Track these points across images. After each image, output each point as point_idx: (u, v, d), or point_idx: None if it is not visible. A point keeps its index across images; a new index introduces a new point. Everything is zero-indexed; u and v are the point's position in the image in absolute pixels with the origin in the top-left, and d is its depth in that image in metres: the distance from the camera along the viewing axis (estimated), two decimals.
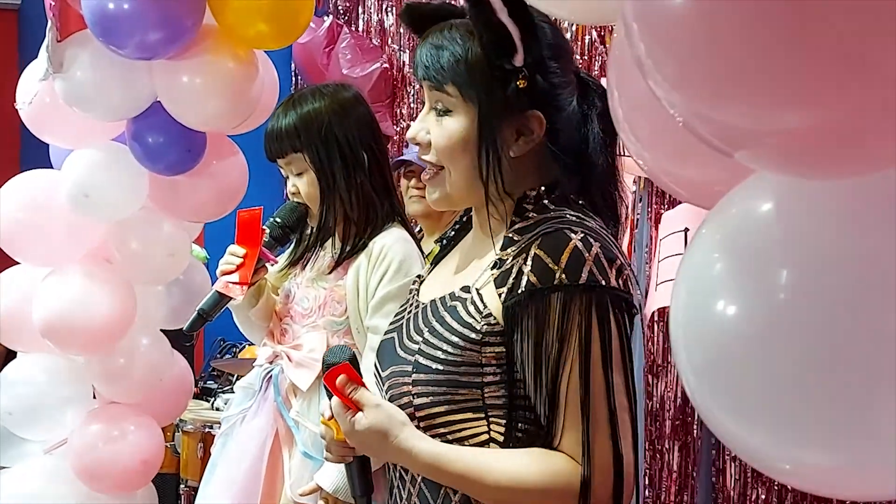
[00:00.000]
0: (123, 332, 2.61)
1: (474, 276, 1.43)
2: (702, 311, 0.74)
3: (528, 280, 1.33)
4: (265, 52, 2.53)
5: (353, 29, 4.44)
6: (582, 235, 1.34)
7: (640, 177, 2.81)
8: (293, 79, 4.73)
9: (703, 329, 0.74)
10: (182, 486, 3.43)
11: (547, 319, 1.32)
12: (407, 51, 4.24)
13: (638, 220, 2.80)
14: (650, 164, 0.94)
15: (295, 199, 2.16)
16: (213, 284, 2.14)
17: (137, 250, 2.61)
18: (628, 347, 1.37)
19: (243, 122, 2.49)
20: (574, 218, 1.38)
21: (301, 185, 2.13)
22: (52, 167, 2.69)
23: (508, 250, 1.39)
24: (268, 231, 2.12)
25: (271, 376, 2.15)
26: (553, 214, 1.40)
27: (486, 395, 1.37)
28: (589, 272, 1.31)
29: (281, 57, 2.51)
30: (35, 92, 2.45)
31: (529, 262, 1.34)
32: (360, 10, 4.52)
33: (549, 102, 1.43)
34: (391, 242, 2.06)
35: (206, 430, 3.34)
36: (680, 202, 2.71)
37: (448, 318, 1.40)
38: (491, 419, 1.38)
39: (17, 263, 2.73)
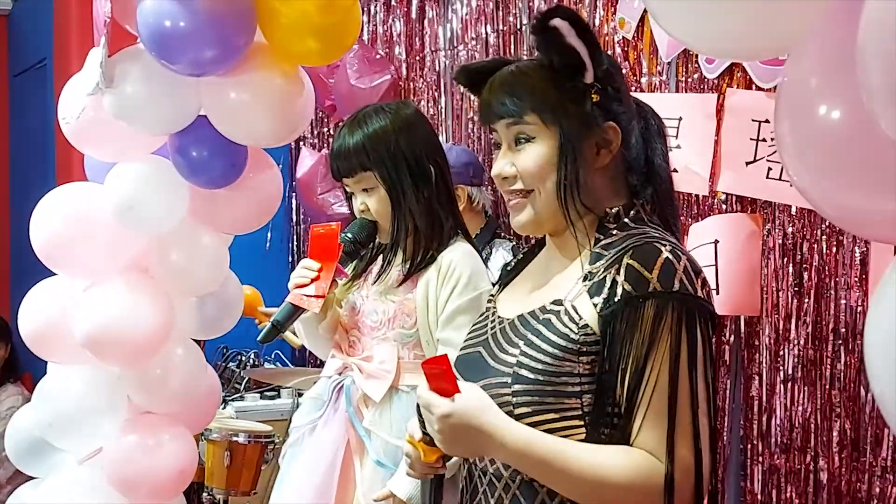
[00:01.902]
0: (163, 343, 2.64)
1: (564, 291, 1.50)
2: None
3: (624, 289, 1.41)
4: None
5: (359, 38, 4.46)
6: (671, 248, 1.43)
7: None
8: None
9: None
10: (206, 493, 3.45)
11: (639, 323, 1.39)
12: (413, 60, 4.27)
13: None
14: (815, 192, 1.00)
15: (364, 216, 2.19)
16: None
17: (178, 262, 2.63)
18: (712, 357, 1.44)
19: (289, 136, 2.52)
20: (657, 234, 1.48)
21: (371, 202, 2.17)
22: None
23: (597, 264, 1.47)
24: (343, 247, 2.17)
25: (342, 387, 2.18)
26: (635, 230, 1.49)
27: (584, 403, 1.43)
28: (680, 281, 1.40)
29: None
30: (82, 107, 2.46)
31: (623, 273, 1.42)
32: (365, 18, 4.54)
33: (620, 111, 1.53)
34: (459, 257, 2.12)
35: (232, 438, 3.36)
36: (710, 214, 2.79)
37: (544, 331, 1.47)
38: (589, 427, 1.43)
39: (46, 277, 2.74)
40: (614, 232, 1.50)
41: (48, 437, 2.70)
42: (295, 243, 5.18)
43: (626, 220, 1.51)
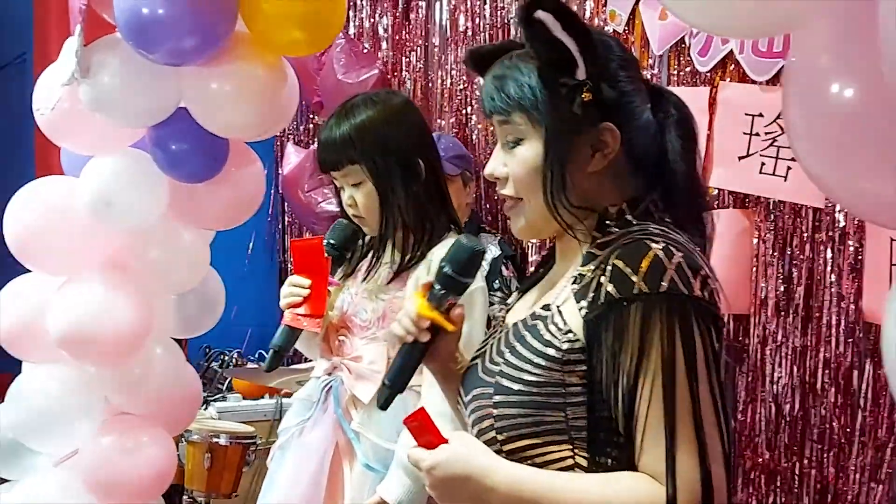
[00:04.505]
0: (141, 341, 2.56)
1: (555, 294, 1.40)
2: None
3: (607, 291, 1.29)
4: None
5: (345, 32, 4.39)
6: (664, 245, 1.29)
7: None
8: None
9: None
10: (186, 496, 3.37)
11: (626, 331, 1.27)
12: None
13: None
14: (830, 179, 0.94)
15: (350, 210, 2.12)
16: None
17: (157, 259, 2.57)
18: (716, 360, 1.30)
19: (272, 129, 2.46)
20: (657, 230, 1.34)
21: (359, 196, 2.10)
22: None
23: (589, 265, 1.35)
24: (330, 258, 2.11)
25: (330, 388, 2.11)
26: (635, 228, 1.36)
27: (569, 417, 1.32)
28: (670, 280, 1.26)
29: None
30: (57, 98, 2.39)
31: (608, 273, 1.30)
32: (351, 13, 4.47)
33: (621, 112, 1.39)
34: None
35: (213, 439, 3.28)
36: None
37: (529, 338, 1.36)
38: (576, 443, 1.33)
39: (20, 274, 2.66)
40: (613, 230, 1.38)
41: (22, 438, 2.62)
42: (280, 247, 5.09)
43: (628, 216, 1.39)
